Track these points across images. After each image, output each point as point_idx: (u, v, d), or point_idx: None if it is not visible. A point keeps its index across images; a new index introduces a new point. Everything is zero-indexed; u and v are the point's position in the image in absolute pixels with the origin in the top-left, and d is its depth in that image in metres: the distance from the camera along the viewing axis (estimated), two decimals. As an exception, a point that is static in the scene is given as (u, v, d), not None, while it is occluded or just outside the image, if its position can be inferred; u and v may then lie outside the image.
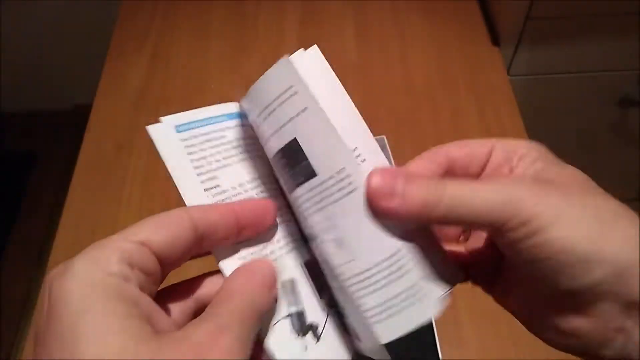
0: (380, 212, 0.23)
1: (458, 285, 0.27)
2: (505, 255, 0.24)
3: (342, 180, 0.24)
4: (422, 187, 0.23)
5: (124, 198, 0.69)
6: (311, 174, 0.25)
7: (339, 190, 0.25)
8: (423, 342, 0.52)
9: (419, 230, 0.25)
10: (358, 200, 0.24)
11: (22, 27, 1.44)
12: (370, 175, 0.23)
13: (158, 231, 0.22)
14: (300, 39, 0.88)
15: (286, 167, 0.26)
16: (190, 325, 0.21)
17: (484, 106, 0.78)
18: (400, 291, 0.25)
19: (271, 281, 0.25)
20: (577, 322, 0.22)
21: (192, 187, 0.26)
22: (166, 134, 0.27)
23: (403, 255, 0.25)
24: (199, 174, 0.26)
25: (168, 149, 0.26)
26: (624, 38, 0.83)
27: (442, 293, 0.25)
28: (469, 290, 0.29)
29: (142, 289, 0.21)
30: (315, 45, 0.27)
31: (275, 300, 0.26)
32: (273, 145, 0.26)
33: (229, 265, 0.25)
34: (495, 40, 0.87)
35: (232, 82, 0.83)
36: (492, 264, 0.27)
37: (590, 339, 0.22)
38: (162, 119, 0.27)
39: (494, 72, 0.83)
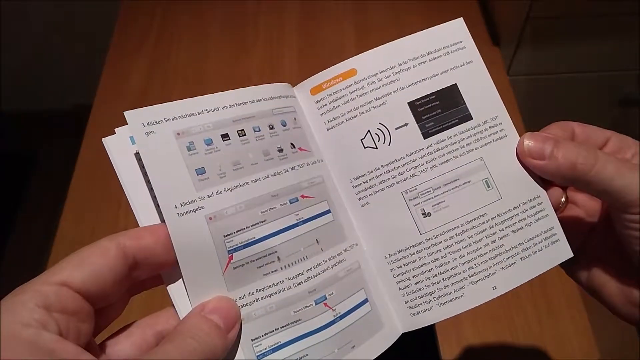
0: (530, 167, 0.28)
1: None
2: (617, 226, 0.27)
3: (495, 126, 0.29)
4: (574, 152, 0.27)
5: (123, 198, 0.69)
6: (467, 117, 0.29)
7: (491, 135, 0.29)
8: (424, 342, 0.52)
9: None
10: (508, 146, 0.28)
11: (22, 27, 1.44)
12: (523, 137, 0.28)
13: (79, 268, 0.21)
14: (300, 39, 0.88)
15: (435, 109, 0.29)
16: None
17: (484, 106, 0.78)
18: (539, 232, 0.28)
19: (229, 324, 0.23)
20: None
21: (145, 203, 0.25)
22: (120, 146, 0.25)
23: (543, 200, 0.28)
24: (151, 189, 0.24)
25: (121, 162, 0.25)
26: (624, 38, 0.83)
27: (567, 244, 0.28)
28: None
29: (65, 331, 0.20)
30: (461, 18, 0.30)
31: (236, 343, 0.24)
32: (423, 88, 0.29)
33: (178, 290, 0.24)
34: (495, 40, 0.87)
35: (232, 82, 0.83)
36: (582, 236, 0.31)
37: None
38: (117, 129, 0.25)
39: (494, 72, 0.82)
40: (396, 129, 0.28)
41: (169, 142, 0.25)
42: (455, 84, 0.29)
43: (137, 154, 0.25)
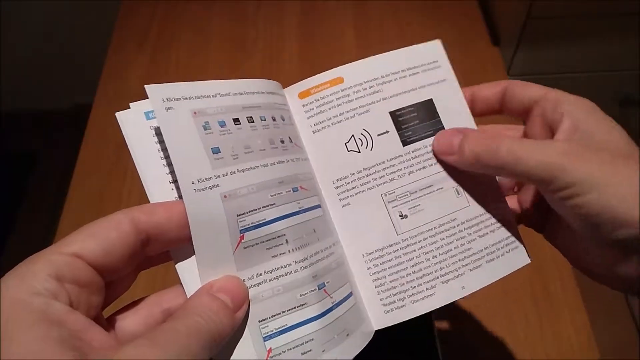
0: (448, 163, 0.29)
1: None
2: (552, 207, 0.27)
3: None
4: (477, 143, 0.27)
5: (124, 198, 0.69)
6: (440, 129, 0.31)
7: None
8: (423, 342, 0.52)
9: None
10: None
11: (22, 27, 1.44)
12: (437, 134, 0.30)
13: (92, 240, 0.21)
14: (300, 40, 0.88)
15: (413, 120, 0.31)
16: (127, 342, 0.20)
17: (484, 106, 0.78)
18: (501, 239, 0.30)
19: (237, 303, 0.23)
20: (622, 268, 0.25)
21: (157, 178, 0.24)
22: (134, 121, 0.25)
23: (504, 209, 0.31)
24: (165, 165, 0.25)
25: (135, 137, 0.25)
26: (624, 38, 0.83)
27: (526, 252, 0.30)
28: (469, 290, 0.30)
29: (75, 302, 0.20)
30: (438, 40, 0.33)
31: (243, 324, 0.24)
32: (403, 100, 0.31)
33: (187, 268, 0.24)
34: (495, 40, 0.87)
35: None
36: (541, 211, 0.31)
37: (634, 279, 0.25)
38: (132, 104, 0.25)
39: (494, 72, 0.83)
40: (378, 135, 0.30)
41: (187, 120, 0.25)
42: (431, 98, 0.31)
43: (156, 129, 0.25)
